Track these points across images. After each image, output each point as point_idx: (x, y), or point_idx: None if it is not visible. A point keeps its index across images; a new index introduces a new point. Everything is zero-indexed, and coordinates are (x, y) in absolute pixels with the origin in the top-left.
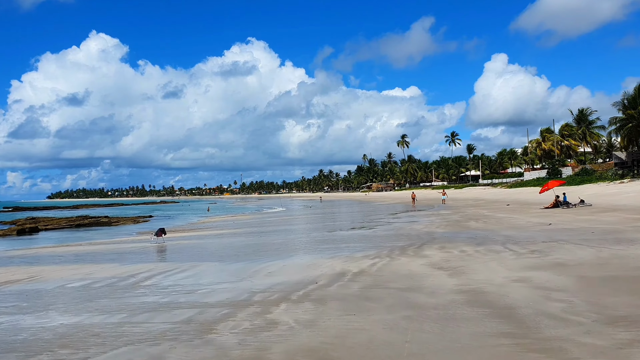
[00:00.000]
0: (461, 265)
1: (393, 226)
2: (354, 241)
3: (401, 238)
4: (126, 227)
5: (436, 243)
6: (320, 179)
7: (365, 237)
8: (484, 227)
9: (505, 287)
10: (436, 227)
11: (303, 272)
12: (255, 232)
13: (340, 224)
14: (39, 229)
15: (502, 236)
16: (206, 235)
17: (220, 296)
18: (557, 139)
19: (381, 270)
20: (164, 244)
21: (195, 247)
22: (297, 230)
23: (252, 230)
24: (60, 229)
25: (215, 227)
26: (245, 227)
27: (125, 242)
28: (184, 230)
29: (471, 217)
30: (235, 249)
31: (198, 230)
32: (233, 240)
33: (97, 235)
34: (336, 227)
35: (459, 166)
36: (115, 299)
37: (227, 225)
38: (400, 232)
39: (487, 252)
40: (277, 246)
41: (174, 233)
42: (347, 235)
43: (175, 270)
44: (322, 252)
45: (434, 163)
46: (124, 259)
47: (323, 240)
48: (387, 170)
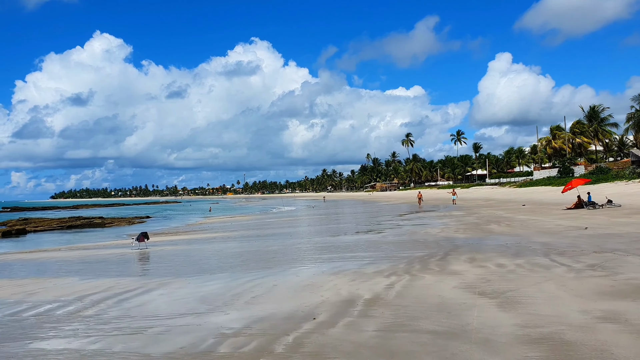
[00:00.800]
0: (509, 289)
1: (404, 230)
2: (361, 249)
3: (417, 245)
4: (118, 229)
5: (462, 253)
6: (323, 179)
7: (374, 244)
8: (509, 231)
9: (595, 333)
10: (454, 232)
11: (298, 298)
12: (252, 235)
13: (344, 226)
14: (26, 231)
15: (537, 243)
16: (197, 239)
17: (173, 342)
18: (569, 136)
19: (402, 295)
20: (147, 249)
21: (177, 255)
22: (297, 233)
23: (248, 233)
24: (50, 230)
25: (210, 230)
26: (242, 229)
27: (106, 248)
28: (177, 232)
29: (490, 220)
30: (222, 257)
31: (191, 233)
32: (224, 246)
33: (84, 237)
34: (340, 230)
35: (465, 165)
36: (16, 345)
37: (224, 227)
38: (414, 238)
39: (532, 266)
40: (271, 254)
41: (163, 236)
42: (352, 241)
43: (137, 291)
44: (323, 264)
45: (439, 162)
46: (89, 271)
47: (325, 248)
48: (391, 169)
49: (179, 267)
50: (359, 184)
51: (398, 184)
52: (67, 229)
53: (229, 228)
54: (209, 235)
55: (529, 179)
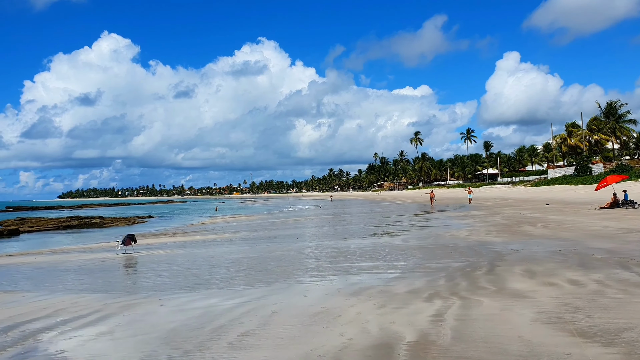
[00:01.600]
0: (620, 325)
1: (426, 232)
2: (382, 256)
3: (449, 252)
4: (117, 230)
5: (512, 263)
6: (330, 178)
7: (396, 250)
8: (551, 234)
9: None
10: (485, 234)
11: (307, 337)
12: (254, 238)
13: (357, 227)
14: (20, 232)
15: (598, 250)
16: (193, 241)
17: None
18: (585, 133)
19: (462, 336)
20: (133, 254)
21: (163, 262)
22: (304, 235)
23: (250, 235)
24: (45, 230)
25: (210, 231)
26: (245, 230)
27: (92, 251)
28: (175, 234)
29: (519, 220)
30: (214, 266)
31: (190, 235)
32: (221, 250)
33: (76, 239)
34: (352, 232)
35: (475, 164)
36: None
37: (225, 228)
38: (441, 242)
39: (621, 284)
40: (274, 262)
41: (159, 238)
42: (369, 245)
43: (87, 319)
44: (338, 278)
45: (449, 161)
46: (51, 283)
47: (338, 254)
48: (399, 168)
49: (160, 279)
50: (366, 183)
51: (406, 183)
52: (63, 230)
53: (231, 229)
54: (207, 237)
55: (543, 178)
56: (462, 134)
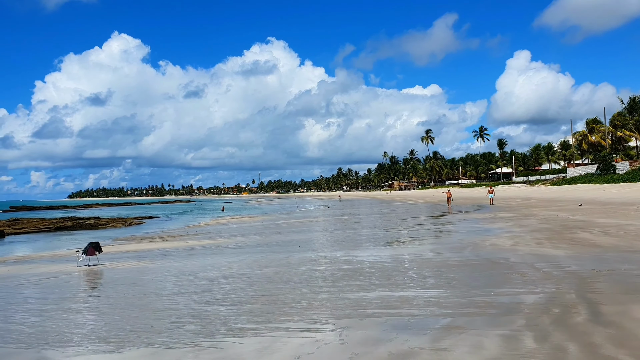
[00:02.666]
0: None
1: (457, 239)
2: (411, 279)
3: (504, 272)
4: (111, 231)
5: (615, 295)
6: (339, 178)
7: (428, 268)
8: (626, 244)
9: None
10: (536, 244)
11: None
12: (249, 244)
13: (369, 233)
14: (5, 234)
15: None
16: (177, 249)
17: None
18: (608, 130)
19: None
20: (97, 265)
21: (119, 283)
22: (307, 243)
23: (246, 241)
24: (35, 232)
25: (205, 235)
26: (243, 234)
27: (51, 261)
28: (165, 238)
29: (565, 224)
30: (176, 294)
31: (179, 240)
32: (200, 264)
33: (61, 242)
34: (365, 239)
35: (488, 163)
36: None
37: (223, 231)
38: (484, 255)
39: None
40: (260, 290)
41: (142, 243)
42: (390, 259)
43: None
44: (351, 328)
45: (461, 160)
46: None
47: (349, 275)
48: (409, 167)
49: (89, 316)
50: (375, 182)
51: (417, 183)
52: (54, 231)
53: (228, 233)
54: (197, 244)
55: (561, 177)
56: (475, 132)
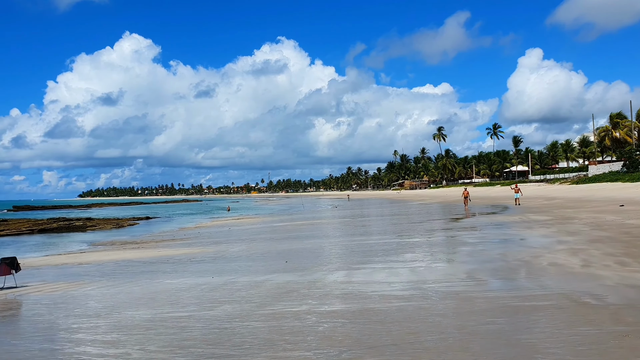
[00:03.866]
0: None
1: (494, 254)
2: (456, 341)
3: (618, 334)
4: (97, 234)
5: None
6: (348, 177)
7: (478, 318)
8: None
9: None
10: (620, 264)
11: None
12: (229, 257)
13: (378, 242)
14: None
15: None
16: (137, 262)
17: None
18: (635, 125)
19: None
20: (12, 289)
21: (13, 323)
22: (299, 256)
23: (229, 250)
24: (16, 235)
25: (189, 240)
26: (231, 241)
27: None
28: (143, 243)
29: (627, 232)
30: None
31: (154, 248)
32: (143, 292)
33: (36, 246)
34: (373, 250)
35: (503, 161)
36: None
37: (212, 235)
38: (554, 287)
39: None
40: (192, 350)
41: (108, 252)
42: (410, 288)
43: None
44: None
45: (474, 158)
46: None
47: (347, 334)
48: (420, 166)
49: None
50: (385, 182)
51: (428, 182)
52: (38, 233)
53: (216, 237)
54: (170, 253)
55: (583, 175)
56: (489, 129)
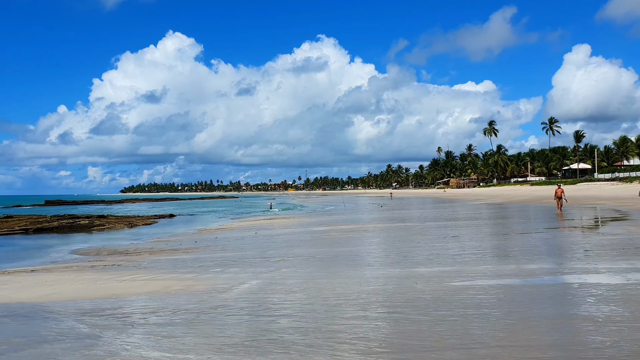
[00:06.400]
0: None
1: None
2: None
3: None
4: (100, 235)
5: None
6: (388, 175)
7: None
8: None
9: None
10: None
11: None
12: (232, 314)
13: (471, 273)
14: None
15: None
16: (46, 307)
17: None
18: None
19: None
20: None
21: None
22: (348, 299)
23: (240, 279)
24: (8, 234)
25: (196, 250)
26: (252, 261)
27: None
28: (138, 253)
29: None
30: None
31: (141, 267)
32: None
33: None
34: (470, 300)
35: (562, 158)
36: None
37: (230, 245)
38: None
39: None
40: None
41: (76, 272)
42: None
43: None
44: None
45: (527, 155)
46: None
47: None
48: (467, 163)
49: None
50: (429, 180)
51: (477, 180)
52: (33, 233)
53: (233, 250)
54: (130, 291)
55: None
56: (544, 123)
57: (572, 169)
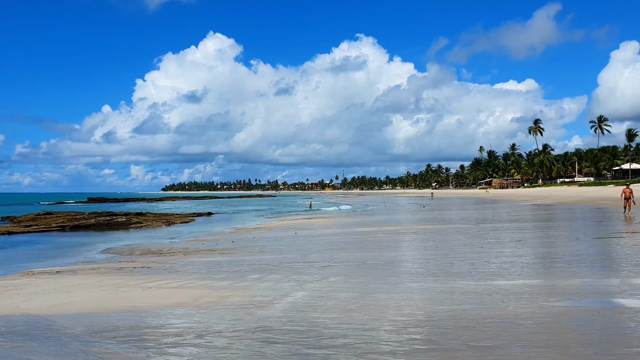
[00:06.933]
0: None
1: None
2: None
3: None
4: (137, 233)
5: None
6: (427, 175)
7: None
8: None
9: None
10: None
11: None
12: (279, 332)
13: None
14: (10, 232)
15: None
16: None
17: None
18: None
19: None
20: None
21: None
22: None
23: (290, 305)
24: (45, 231)
25: (233, 251)
26: (293, 265)
27: None
28: (172, 253)
29: None
30: None
31: (161, 271)
32: None
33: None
34: None
35: (612, 157)
36: None
37: (270, 246)
38: None
39: None
40: None
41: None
42: None
43: None
44: None
45: (574, 154)
46: None
47: None
48: (510, 163)
49: None
50: (470, 180)
51: (522, 180)
52: (70, 230)
53: (271, 251)
54: (153, 302)
55: None
56: (593, 122)
57: (623, 169)
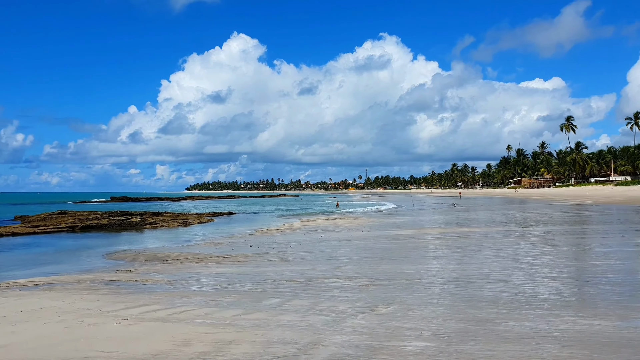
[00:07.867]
0: None
1: None
2: None
3: None
4: (149, 235)
5: None
6: (453, 174)
7: None
8: None
9: None
10: None
11: None
12: None
13: None
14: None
15: None
16: None
17: None
18: None
19: None
20: None
21: None
22: None
23: (320, 321)
24: (54, 231)
25: (249, 258)
26: (324, 273)
27: None
28: (181, 260)
29: None
30: None
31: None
32: None
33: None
34: None
35: None
36: None
37: (293, 251)
38: None
39: None
40: None
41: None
42: None
43: None
44: None
45: (609, 152)
46: None
47: None
48: (539, 162)
49: None
50: (498, 179)
51: (553, 179)
52: (80, 231)
53: (296, 259)
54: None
55: None
56: (629, 118)
57: None
